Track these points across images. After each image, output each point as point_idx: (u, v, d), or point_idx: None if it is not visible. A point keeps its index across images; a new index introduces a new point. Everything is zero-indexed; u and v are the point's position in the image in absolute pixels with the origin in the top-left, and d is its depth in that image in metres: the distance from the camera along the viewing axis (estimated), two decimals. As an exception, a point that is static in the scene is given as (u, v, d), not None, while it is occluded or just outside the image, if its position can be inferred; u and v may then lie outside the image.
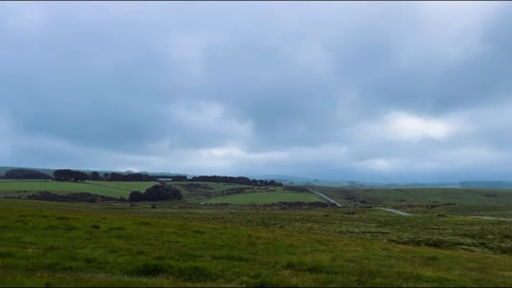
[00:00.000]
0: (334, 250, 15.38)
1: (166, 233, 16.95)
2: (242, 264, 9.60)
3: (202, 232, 19.34)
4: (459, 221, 71.62)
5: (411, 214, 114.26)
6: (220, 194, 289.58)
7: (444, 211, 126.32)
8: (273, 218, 74.32)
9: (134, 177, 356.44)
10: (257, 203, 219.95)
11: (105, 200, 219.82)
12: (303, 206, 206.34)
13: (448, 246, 31.67)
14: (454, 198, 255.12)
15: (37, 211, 26.24)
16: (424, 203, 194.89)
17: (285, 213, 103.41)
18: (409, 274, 9.71)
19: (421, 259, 14.22)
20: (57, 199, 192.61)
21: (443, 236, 40.03)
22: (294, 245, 16.27)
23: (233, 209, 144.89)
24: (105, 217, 27.94)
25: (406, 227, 53.85)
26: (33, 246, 10.36)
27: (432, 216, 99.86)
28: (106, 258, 9.12)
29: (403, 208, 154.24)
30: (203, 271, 8.22)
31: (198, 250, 12.01)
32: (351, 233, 42.11)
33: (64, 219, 20.06)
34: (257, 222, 58.82)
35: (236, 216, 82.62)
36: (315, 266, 9.64)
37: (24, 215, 21.09)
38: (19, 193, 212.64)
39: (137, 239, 13.91)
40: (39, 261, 8.20)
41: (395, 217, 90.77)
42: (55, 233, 13.87)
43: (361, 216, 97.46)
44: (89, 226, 17.27)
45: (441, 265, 12.97)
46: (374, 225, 58.49)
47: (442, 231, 46.88)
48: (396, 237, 37.88)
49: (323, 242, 18.91)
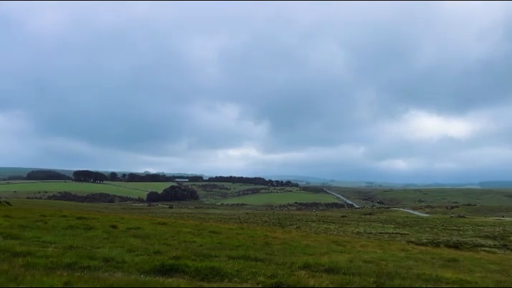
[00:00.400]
0: (351, 251, 15.21)
1: (182, 233, 17.04)
2: (258, 264, 9.57)
3: (218, 232, 19.38)
4: (480, 222, 70.19)
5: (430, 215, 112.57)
6: (236, 194, 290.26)
7: (465, 212, 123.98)
8: (289, 218, 74.12)
9: (151, 177, 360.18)
10: (273, 203, 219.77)
11: (123, 201, 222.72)
12: (320, 207, 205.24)
13: (469, 247, 31.06)
14: (474, 198, 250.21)
15: (57, 211, 26.70)
16: (443, 204, 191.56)
17: (302, 214, 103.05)
18: (428, 275, 9.52)
19: (441, 261, 13.94)
20: (76, 199, 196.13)
21: (463, 238, 39.28)
22: (310, 246, 16.15)
23: (249, 209, 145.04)
24: (123, 217, 28.26)
25: (425, 228, 53.02)
26: (53, 245, 10.53)
27: (452, 216, 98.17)
28: (123, 258, 9.21)
29: (422, 209, 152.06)
30: (219, 271, 8.22)
31: (215, 250, 12.03)
32: (368, 234, 41.68)
33: (83, 219, 20.35)
34: (273, 223, 58.73)
35: (253, 216, 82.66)
36: (332, 267, 9.54)
37: (44, 215, 21.48)
38: (40, 194, 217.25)
39: (154, 239, 14.01)
40: (59, 260, 8.32)
41: (414, 218, 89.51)
42: (74, 233, 14.08)
43: (379, 216, 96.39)
44: (107, 225, 17.47)
45: (461, 267, 12.69)
46: (392, 226, 57.75)
47: (463, 233, 46.00)
48: (414, 238, 37.32)
49: (340, 243, 18.72)
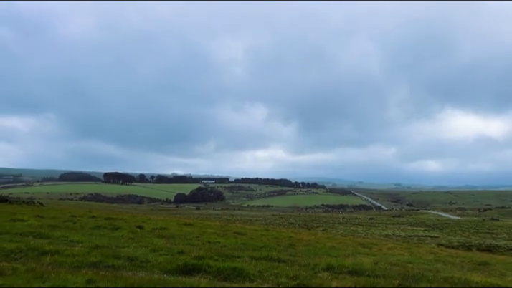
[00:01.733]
0: (377, 253, 14.93)
1: (207, 234, 17.13)
2: (280, 266, 9.50)
3: (243, 233, 19.39)
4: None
5: (461, 218, 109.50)
6: (262, 196, 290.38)
7: (498, 215, 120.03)
8: (316, 220, 73.61)
9: (179, 179, 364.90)
10: (299, 205, 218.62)
11: (152, 202, 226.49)
12: (347, 209, 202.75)
13: (502, 251, 30.07)
14: (508, 201, 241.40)
15: (87, 212, 27.36)
16: (475, 207, 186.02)
17: (328, 216, 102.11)
18: (456, 279, 9.21)
19: (470, 264, 13.50)
20: (106, 201, 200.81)
21: (497, 241, 38.05)
22: (335, 248, 15.95)
23: (275, 211, 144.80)
24: (150, 218, 28.68)
25: (457, 231, 51.64)
26: (79, 245, 10.78)
27: (485, 219, 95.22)
28: (147, 257, 9.33)
29: (453, 212, 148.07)
30: (241, 272, 8.20)
31: (238, 251, 12.03)
32: (397, 236, 40.92)
33: (110, 219, 20.74)
34: (299, 224, 58.47)
35: (279, 218, 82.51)
36: (356, 269, 9.37)
37: (74, 215, 22.03)
38: (72, 195, 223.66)
39: (178, 239, 14.14)
40: (84, 259, 8.51)
41: (444, 220, 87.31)
42: (101, 233, 14.37)
43: (408, 219, 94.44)
44: (133, 226, 17.75)
45: (492, 271, 12.24)
46: (422, 228, 56.52)
47: (496, 236, 44.57)
48: (445, 241, 36.42)
49: (366, 245, 18.41)
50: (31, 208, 28.51)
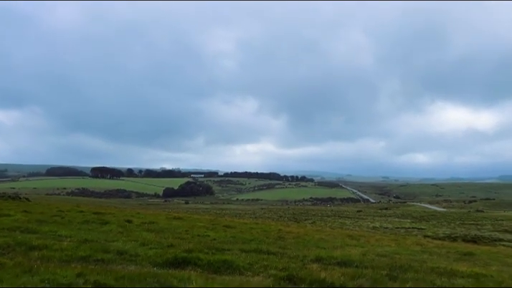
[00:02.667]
0: (365, 245, 15.12)
1: (196, 228, 17.15)
2: (270, 258, 9.59)
3: (232, 227, 19.46)
4: (498, 216, 69.06)
5: (447, 209, 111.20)
6: (251, 190, 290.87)
7: (483, 206, 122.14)
8: (304, 213, 74.05)
9: (167, 173, 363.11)
10: (288, 198, 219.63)
11: (140, 197, 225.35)
12: (335, 202, 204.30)
13: (487, 242, 30.56)
14: (493, 192, 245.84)
15: (74, 207, 27.12)
16: (461, 198, 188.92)
17: (317, 209, 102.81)
18: (442, 269, 9.40)
19: (456, 255, 13.77)
20: (94, 195, 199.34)
21: (481, 232, 38.70)
22: (324, 240, 16.10)
23: (264, 205, 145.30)
24: (139, 212, 28.58)
25: (443, 223, 52.40)
26: (68, 239, 10.72)
27: (470, 211, 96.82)
28: (137, 251, 9.33)
29: (439, 204, 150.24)
30: (231, 264, 8.27)
31: (228, 244, 12.09)
32: (384, 228, 41.35)
33: (99, 214, 20.62)
34: (288, 218, 58.75)
35: (268, 211, 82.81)
36: (345, 260, 9.51)
37: (61, 210, 21.82)
38: (59, 190, 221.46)
39: (168, 233, 14.14)
40: (73, 253, 8.48)
41: (431, 212, 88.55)
42: (90, 227, 14.30)
43: (395, 211, 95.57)
44: (122, 220, 17.68)
45: (477, 261, 12.50)
46: (409, 220, 57.22)
47: (481, 227, 45.32)
48: (431, 233, 36.92)
49: (354, 237, 18.62)
50: (17, 204, 28.17)
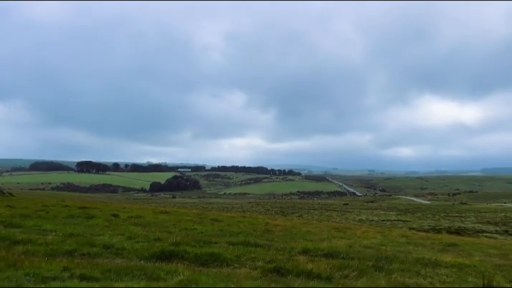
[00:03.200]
0: (352, 237, 15.27)
1: (183, 221, 17.11)
2: (257, 250, 9.62)
3: (220, 220, 19.46)
4: (481, 208, 70.37)
5: (432, 202, 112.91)
6: (239, 184, 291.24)
7: (467, 199, 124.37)
8: (292, 207, 74.44)
9: (154, 168, 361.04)
10: (275, 192, 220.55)
11: (126, 191, 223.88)
12: (322, 195, 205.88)
13: (470, 233, 31.17)
14: (476, 185, 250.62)
15: (59, 201, 26.81)
16: (445, 191, 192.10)
17: (304, 203, 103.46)
18: (427, 259, 9.57)
19: (440, 246, 14.01)
20: (79, 190, 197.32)
21: (465, 224, 39.40)
22: (311, 232, 16.21)
23: (251, 199, 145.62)
24: (125, 206, 28.39)
25: (427, 215, 53.20)
26: (53, 233, 10.59)
27: (454, 203, 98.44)
28: (123, 245, 9.26)
29: (424, 196, 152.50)
30: (218, 257, 8.28)
31: (215, 237, 12.09)
32: (370, 221, 41.83)
33: (84, 208, 20.43)
34: (275, 211, 59.01)
35: (255, 205, 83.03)
36: (331, 252, 9.59)
37: (46, 205, 21.56)
38: (43, 185, 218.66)
39: (155, 227, 14.08)
40: (59, 247, 8.37)
41: (416, 205, 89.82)
42: (75, 222, 14.14)
43: (381, 204, 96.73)
44: (108, 214, 17.54)
45: (461, 251, 12.74)
46: (394, 213, 57.97)
47: (464, 219, 46.13)
48: (416, 225, 37.47)
49: (340, 229, 18.79)
50: (0, 198, 27.72)
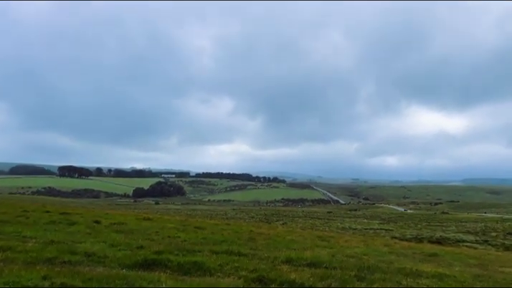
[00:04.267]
0: (335, 246, 15.35)
1: (167, 229, 16.95)
2: (241, 259, 9.60)
3: (203, 228, 19.33)
4: (462, 218, 71.53)
5: (414, 211, 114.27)
6: (223, 191, 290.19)
7: (448, 208, 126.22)
8: (276, 214, 74.47)
9: (137, 173, 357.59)
10: (259, 199, 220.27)
11: (109, 197, 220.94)
12: (306, 203, 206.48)
13: (451, 243, 31.61)
14: (457, 195, 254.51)
15: (40, 206, 26.29)
16: (427, 201, 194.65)
17: (288, 210, 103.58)
18: (408, 269, 9.68)
19: (422, 255, 14.18)
20: (61, 195, 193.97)
21: (446, 233, 39.96)
22: (295, 241, 16.24)
23: (236, 206, 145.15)
24: (107, 212, 27.99)
25: (410, 224, 53.82)
26: (33, 240, 10.39)
27: (436, 213, 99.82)
28: (105, 253, 9.14)
29: (406, 205, 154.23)
30: (201, 266, 8.24)
31: (198, 245, 12.01)
32: (353, 229, 42.10)
33: (66, 214, 20.07)
34: (259, 218, 58.95)
35: (239, 212, 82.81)
36: (314, 262, 9.63)
37: (26, 210, 21.13)
38: (24, 189, 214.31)
39: (137, 234, 13.92)
40: (39, 255, 8.23)
41: (398, 214, 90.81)
42: (56, 228, 13.90)
43: (364, 212, 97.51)
44: (90, 221, 17.29)
45: (441, 261, 12.92)
46: (377, 222, 58.47)
47: (445, 228, 46.80)
48: (399, 234, 37.85)
49: (324, 238, 18.86)
50: (-21, 203, 27.07)
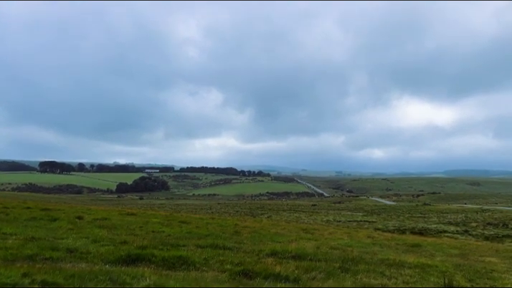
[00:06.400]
0: (319, 238, 15.48)
1: (151, 224, 16.84)
2: (226, 253, 9.60)
3: (188, 222, 19.27)
4: (443, 209, 72.83)
5: (397, 203, 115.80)
6: (208, 185, 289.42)
7: (430, 200, 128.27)
8: (261, 208, 74.62)
9: (121, 168, 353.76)
10: (244, 193, 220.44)
11: (92, 192, 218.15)
12: (291, 196, 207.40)
13: (433, 234, 32.17)
14: (439, 187, 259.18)
15: (21, 203, 25.83)
16: (410, 193, 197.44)
17: (273, 204, 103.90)
18: (391, 260, 9.82)
19: (404, 246, 14.40)
20: (42, 191, 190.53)
21: (428, 224, 40.64)
22: (280, 234, 16.32)
23: (221, 200, 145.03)
24: (90, 208, 27.66)
25: (392, 216, 54.57)
26: (13, 237, 10.18)
27: (418, 204, 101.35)
28: (88, 248, 9.02)
29: (389, 198, 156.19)
30: (186, 260, 8.19)
31: (183, 239, 11.96)
32: (337, 222, 42.49)
33: (47, 210, 19.75)
34: (244, 212, 58.99)
35: (225, 206, 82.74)
36: (299, 254, 9.68)
37: (6, 206, 20.73)
38: (3, 185, 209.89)
39: (121, 229, 13.79)
40: (19, 252, 8.06)
41: (381, 206, 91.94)
42: (37, 224, 13.66)
43: (348, 205, 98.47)
44: (72, 216, 17.04)
45: (424, 252, 13.14)
46: (361, 214, 59.12)
47: (427, 220, 47.61)
48: (382, 226, 38.35)
49: (308, 231, 19.00)
50: (-43, 200, 26.44)
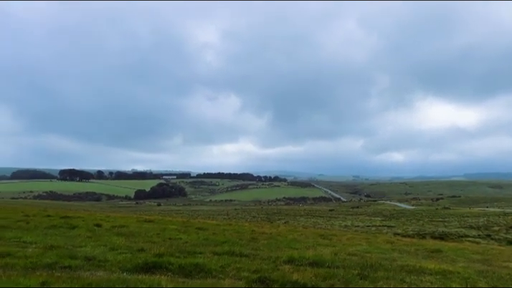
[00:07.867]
0: (337, 244, 15.27)
1: (168, 230, 16.89)
2: (242, 260, 9.52)
3: (205, 228, 19.27)
4: (464, 213, 71.39)
5: (416, 207, 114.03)
6: (224, 191, 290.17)
7: (450, 204, 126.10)
8: (278, 213, 74.40)
9: (139, 175, 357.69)
10: (261, 199, 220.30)
11: (111, 199, 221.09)
12: (308, 201, 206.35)
13: (453, 238, 31.55)
14: (459, 190, 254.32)
15: (41, 211, 26.27)
16: (429, 196, 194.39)
17: (290, 209, 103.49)
18: (411, 266, 9.59)
19: (425, 252, 14.09)
20: (62, 199, 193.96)
21: (448, 229, 39.88)
22: (297, 240, 16.17)
23: (237, 205, 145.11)
24: (109, 215, 27.95)
25: (412, 220, 53.73)
26: (33, 246, 10.32)
27: (437, 208, 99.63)
28: (106, 256, 9.06)
29: (408, 202, 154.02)
30: (203, 268, 8.14)
31: (200, 246, 11.93)
32: (355, 227, 42.04)
33: (67, 218, 20.01)
34: (261, 218, 58.89)
35: (241, 212, 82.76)
36: (317, 261, 9.53)
37: (27, 215, 21.10)
38: (25, 194, 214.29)
39: (138, 237, 13.85)
40: (38, 261, 8.14)
41: (400, 210, 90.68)
42: (57, 232, 13.83)
43: (366, 209, 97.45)
44: (91, 224, 17.23)
45: (445, 257, 12.83)
46: (379, 219, 58.41)
47: (448, 224, 46.72)
48: (401, 230, 37.80)
49: (326, 236, 18.80)
50: (-20, 209, 27.02)
